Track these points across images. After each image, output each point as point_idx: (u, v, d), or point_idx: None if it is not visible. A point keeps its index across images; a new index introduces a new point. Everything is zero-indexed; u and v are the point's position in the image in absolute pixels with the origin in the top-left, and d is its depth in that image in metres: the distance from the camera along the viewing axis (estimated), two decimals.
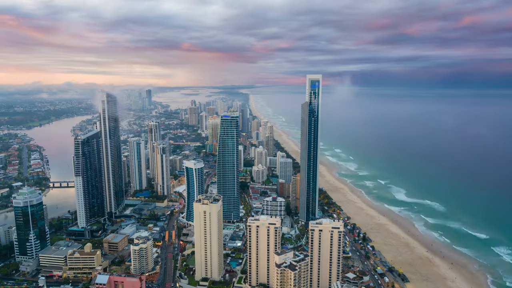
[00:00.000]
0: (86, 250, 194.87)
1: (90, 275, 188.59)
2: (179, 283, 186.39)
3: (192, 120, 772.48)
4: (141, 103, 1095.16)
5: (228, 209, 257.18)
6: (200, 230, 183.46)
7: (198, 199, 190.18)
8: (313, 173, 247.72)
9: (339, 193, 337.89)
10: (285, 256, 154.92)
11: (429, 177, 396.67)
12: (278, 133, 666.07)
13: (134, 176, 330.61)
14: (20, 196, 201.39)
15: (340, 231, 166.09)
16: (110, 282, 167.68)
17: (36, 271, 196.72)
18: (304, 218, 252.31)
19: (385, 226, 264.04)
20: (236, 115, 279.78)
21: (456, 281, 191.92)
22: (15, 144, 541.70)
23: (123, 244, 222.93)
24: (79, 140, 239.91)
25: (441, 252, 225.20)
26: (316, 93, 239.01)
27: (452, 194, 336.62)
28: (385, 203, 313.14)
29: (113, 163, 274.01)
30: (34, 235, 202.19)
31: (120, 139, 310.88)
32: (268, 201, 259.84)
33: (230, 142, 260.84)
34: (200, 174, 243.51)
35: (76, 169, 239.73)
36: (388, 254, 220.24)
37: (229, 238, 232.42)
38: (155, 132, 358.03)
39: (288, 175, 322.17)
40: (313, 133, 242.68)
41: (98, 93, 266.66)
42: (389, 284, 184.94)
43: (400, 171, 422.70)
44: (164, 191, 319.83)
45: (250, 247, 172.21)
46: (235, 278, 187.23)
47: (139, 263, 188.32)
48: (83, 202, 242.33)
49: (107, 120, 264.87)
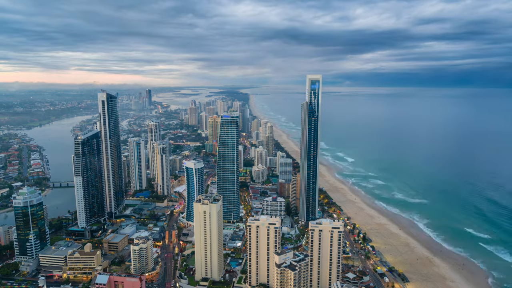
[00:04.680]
0: (86, 250, 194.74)
1: (90, 275, 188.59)
2: (179, 283, 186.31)
3: (192, 120, 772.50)
4: (141, 103, 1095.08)
5: (228, 209, 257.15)
6: (200, 230, 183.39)
7: (198, 199, 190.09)
8: (313, 173, 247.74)
9: (339, 193, 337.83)
10: (285, 256, 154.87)
11: (430, 177, 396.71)
12: (278, 133, 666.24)
13: (134, 176, 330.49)
14: (20, 196, 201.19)
15: (340, 231, 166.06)
16: (110, 282, 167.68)
17: (36, 271, 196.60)
18: (304, 218, 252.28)
19: (385, 226, 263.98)
20: (236, 115, 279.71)
21: (456, 281, 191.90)
22: (15, 144, 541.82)
23: (123, 244, 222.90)
24: (79, 140, 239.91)
25: (441, 252, 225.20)
26: (316, 93, 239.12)
27: (452, 194, 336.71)
28: (385, 203, 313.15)
29: (113, 163, 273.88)
30: (34, 235, 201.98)
31: (120, 139, 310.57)
32: (268, 201, 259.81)
33: (230, 142, 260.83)
34: (200, 174, 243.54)
35: (76, 169, 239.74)
36: (388, 254, 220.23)
37: (229, 238, 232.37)
38: (155, 132, 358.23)
39: (288, 175, 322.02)
40: (313, 133, 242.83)
41: (98, 93, 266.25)
42: (389, 284, 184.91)
43: (400, 170, 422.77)
44: (164, 191, 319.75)
45: (250, 247, 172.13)
46: (235, 278, 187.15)
47: (139, 263, 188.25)
48: (83, 202, 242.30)
49: (107, 120, 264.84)
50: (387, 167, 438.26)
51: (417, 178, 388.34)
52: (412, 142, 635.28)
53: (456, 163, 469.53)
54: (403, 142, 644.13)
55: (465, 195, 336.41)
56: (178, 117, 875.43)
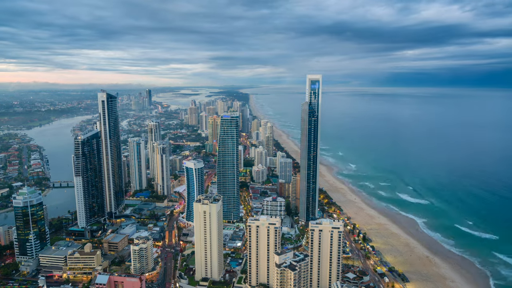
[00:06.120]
0: (86, 250, 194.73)
1: (90, 275, 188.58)
2: (179, 283, 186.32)
3: (192, 120, 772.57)
4: (141, 103, 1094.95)
5: (228, 209, 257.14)
6: (200, 230, 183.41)
7: (198, 199, 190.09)
8: (313, 173, 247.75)
9: (339, 193, 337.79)
10: (285, 256, 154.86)
11: (430, 177, 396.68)
12: (278, 133, 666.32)
13: (134, 176, 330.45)
14: (20, 196, 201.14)
15: (340, 231, 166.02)
16: (110, 282, 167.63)
17: (36, 271, 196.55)
18: (304, 218, 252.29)
19: (385, 226, 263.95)
20: (236, 115, 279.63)
21: (456, 281, 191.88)
22: (15, 144, 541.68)
23: (123, 244, 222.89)
24: (79, 140, 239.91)
25: (441, 252, 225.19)
26: (316, 93, 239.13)
27: (453, 195, 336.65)
28: (385, 203, 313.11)
29: (113, 163, 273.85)
30: (34, 235, 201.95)
31: (120, 139, 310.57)
32: (268, 201, 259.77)
33: (230, 142, 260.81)
34: (200, 174, 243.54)
35: (76, 169, 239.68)
36: (388, 254, 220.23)
37: (229, 238, 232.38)
38: (155, 132, 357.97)
39: (288, 175, 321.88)
40: (313, 133, 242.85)
41: (98, 93, 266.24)
42: (389, 284, 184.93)
43: (401, 171, 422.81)
44: (164, 191, 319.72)
45: (250, 247, 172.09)
46: (235, 278, 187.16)
47: (139, 263, 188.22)
48: (83, 202, 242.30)
49: (107, 120, 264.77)
50: (387, 167, 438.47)
51: (418, 178, 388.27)
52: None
53: (457, 164, 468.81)
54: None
55: (465, 195, 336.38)
56: (178, 117, 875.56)
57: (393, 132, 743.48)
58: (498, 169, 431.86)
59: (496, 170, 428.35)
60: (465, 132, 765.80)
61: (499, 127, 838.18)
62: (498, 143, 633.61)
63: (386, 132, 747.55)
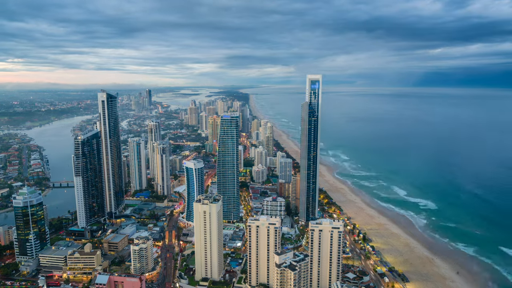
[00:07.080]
0: (86, 250, 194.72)
1: (90, 275, 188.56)
2: (179, 283, 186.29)
3: (192, 120, 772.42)
4: (141, 103, 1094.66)
5: (228, 209, 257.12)
6: (200, 230, 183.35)
7: (198, 199, 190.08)
8: (313, 173, 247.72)
9: (339, 193, 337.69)
10: (285, 256, 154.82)
11: (430, 177, 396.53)
12: (278, 133, 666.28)
13: (134, 176, 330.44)
14: (20, 196, 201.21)
15: (340, 231, 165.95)
16: (110, 282, 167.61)
17: (36, 271, 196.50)
18: (304, 218, 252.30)
19: (385, 226, 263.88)
20: (236, 115, 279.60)
21: (456, 281, 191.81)
22: (15, 144, 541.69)
23: (123, 244, 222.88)
24: (79, 140, 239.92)
25: (441, 252, 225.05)
26: (316, 93, 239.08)
27: (453, 195, 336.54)
28: (385, 203, 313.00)
29: (113, 163, 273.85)
30: (34, 235, 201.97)
31: (120, 139, 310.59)
32: (268, 201, 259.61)
33: (230, 142, 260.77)
34: (200, 174, 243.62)
35: (76, 169, 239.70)
36: (388, 254, 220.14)
37: (229, 238, 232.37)
38: (155, 132, 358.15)
39: (288, 175, 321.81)
40: (313, 133, 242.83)
41: (98, 93, 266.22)
42: (389, 284, 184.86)
43: (401, 170, 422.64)
44: (164, 191, 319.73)
45: (250, 247, 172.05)
46: (235, 278, 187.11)
47: (139, 263, 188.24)
48: (83, 202, 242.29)
49: (107, 120, 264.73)
50: (387, 166, 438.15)
51: (418, 178, 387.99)
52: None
53: (456, 164, 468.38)
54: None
55: (465, 195, 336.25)
56: (178, 117, 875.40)
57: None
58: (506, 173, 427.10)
59: (505, 173, 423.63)
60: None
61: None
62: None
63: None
